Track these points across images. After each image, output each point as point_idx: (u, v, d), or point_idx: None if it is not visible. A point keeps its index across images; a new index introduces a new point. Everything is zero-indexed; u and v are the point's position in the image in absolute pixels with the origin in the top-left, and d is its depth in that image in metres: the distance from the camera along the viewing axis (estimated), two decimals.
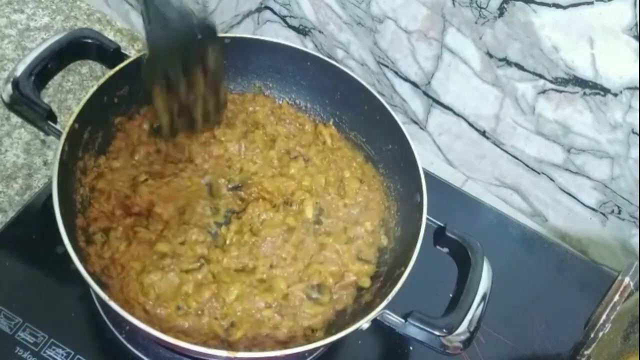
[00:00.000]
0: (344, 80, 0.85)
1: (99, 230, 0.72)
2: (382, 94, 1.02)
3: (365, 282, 0.77)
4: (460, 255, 0.74)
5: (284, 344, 0.69)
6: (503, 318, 0.84)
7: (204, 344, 0.66)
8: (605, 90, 0.82)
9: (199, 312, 0.69)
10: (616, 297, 0.71)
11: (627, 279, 0.72)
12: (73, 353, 0.71)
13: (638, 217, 0.91)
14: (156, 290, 0.69)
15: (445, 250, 0.77)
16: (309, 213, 0.80)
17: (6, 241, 0.78)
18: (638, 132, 0.83)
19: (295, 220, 0.79)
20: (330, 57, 0.97)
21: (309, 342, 0.68)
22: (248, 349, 0.67)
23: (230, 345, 0.68)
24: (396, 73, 1.01)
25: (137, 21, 1.08)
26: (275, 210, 0.79)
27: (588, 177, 0.93)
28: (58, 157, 0.68)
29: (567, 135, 0.90)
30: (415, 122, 1.06)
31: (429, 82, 0.99)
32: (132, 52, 1.00)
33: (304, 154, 0.86)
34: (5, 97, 0.72)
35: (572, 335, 0.74)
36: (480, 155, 1.02)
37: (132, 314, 0.61)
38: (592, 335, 0.70)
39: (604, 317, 0.70)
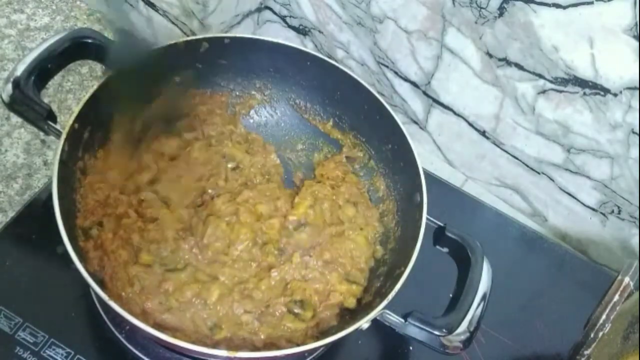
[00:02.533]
0: (344, 80, 0.85)
1: (94, 224, 0.73)
2: (382, 94, 1.02)
3: (351, 303, 0.75)
4: (460, 255, 0.74)
5: (261, 350, 0.69)
6: (503, 318, 0.84)
7: (203, 343, 0.67)
8: (605, 90, 0.82)
9: (182, 309, 0.69)
10: (616, 297, 0.71)
11: (627, 279, 0.72)
12: (73, 353, 0.71)
13: (638, 217, 0.91)
14: (140, 282, 0.69)
15: (445, 250, 0.77)
16: (296, 260, 0.77)
17: (6, 241, 0.78)
18: (638, 132, 0.83)
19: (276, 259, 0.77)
20: (330, 57, 0.97)
21: (302, 343, 0.68)
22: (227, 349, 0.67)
23: (215, 344, 0.68)
24: (396, 73, 1.01)
25: (136, 21, 1.08)
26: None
27: (588, 177, 0.93)
28: (58, 157, 0.68)
29: (567, 135, 0.90)
30: (415, 122, 1.06)
31: (429, 82, 0.99)
32: None
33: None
34: (5, 97, 0.72)
35: (572, 335, 0.74)
36: (480, 155, 1.02)
37: (130, 312, 0.61)
38: (592, 335, 0.70)
39: (603, 317, 0.70)
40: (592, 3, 0.77)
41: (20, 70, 0.73)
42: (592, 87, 0.83)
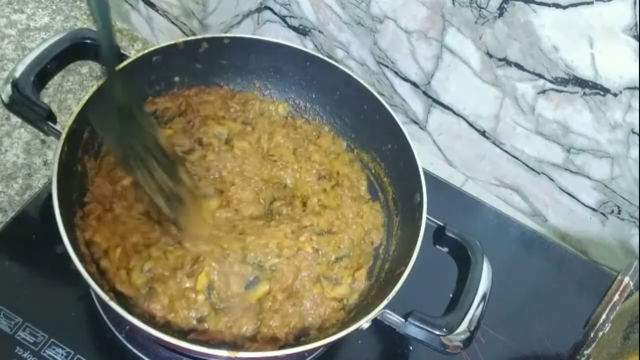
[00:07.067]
0: (343, 80, 0.85)
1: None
2: (382, 94, 1.02)
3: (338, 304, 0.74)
4: (460, 254, 0.74)
5: (249, 342, 0.69)
6: (503, 318, 0.84)
7: (203, 343, 0.67)
8: (605, 90, 0.82)
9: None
10: (616, 297, 0.71)
11: (627, 279, 0.72)
12: (73, 353, 0.71)
13: (638, 217, 0.91)
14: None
15: (445, 249, 0.77)
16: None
17: (6, 241, 0.78)
18: (638, 132, 0.83)
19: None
20: (330, 57, 0.97)
21: (302, 343, 0.68)
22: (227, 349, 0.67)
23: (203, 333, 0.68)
24: (396, 73, 1.01)
25: (136, 21, 1.08)
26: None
27: (588, 177, 0.93)
28: (58, 157, 0.68)
29: (567, 135, 0.90)
30: (415, 122, 1.06)
31: (429, 82, 0.99)
32: (132, 52, 1.01)
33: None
34: (5, 97, 0.72)
35: (572, 335, 0.74)
36: (480, 155, 1.02)
37: (132, 313, 0.61)
38: (592, 335, 0.70)
39: (603, 317, 0.70)
40: (592, 3, 0.77)
41: (20, 70, 0.73)
42: (592, 87, 0.83)
